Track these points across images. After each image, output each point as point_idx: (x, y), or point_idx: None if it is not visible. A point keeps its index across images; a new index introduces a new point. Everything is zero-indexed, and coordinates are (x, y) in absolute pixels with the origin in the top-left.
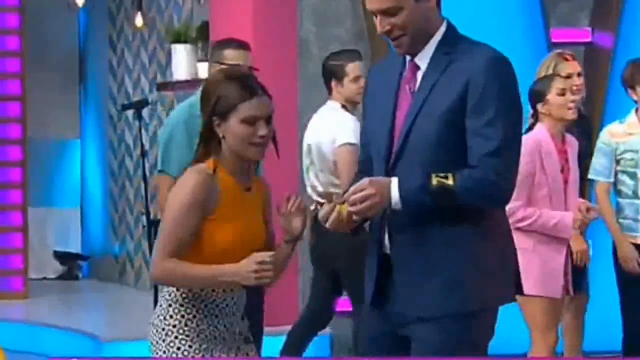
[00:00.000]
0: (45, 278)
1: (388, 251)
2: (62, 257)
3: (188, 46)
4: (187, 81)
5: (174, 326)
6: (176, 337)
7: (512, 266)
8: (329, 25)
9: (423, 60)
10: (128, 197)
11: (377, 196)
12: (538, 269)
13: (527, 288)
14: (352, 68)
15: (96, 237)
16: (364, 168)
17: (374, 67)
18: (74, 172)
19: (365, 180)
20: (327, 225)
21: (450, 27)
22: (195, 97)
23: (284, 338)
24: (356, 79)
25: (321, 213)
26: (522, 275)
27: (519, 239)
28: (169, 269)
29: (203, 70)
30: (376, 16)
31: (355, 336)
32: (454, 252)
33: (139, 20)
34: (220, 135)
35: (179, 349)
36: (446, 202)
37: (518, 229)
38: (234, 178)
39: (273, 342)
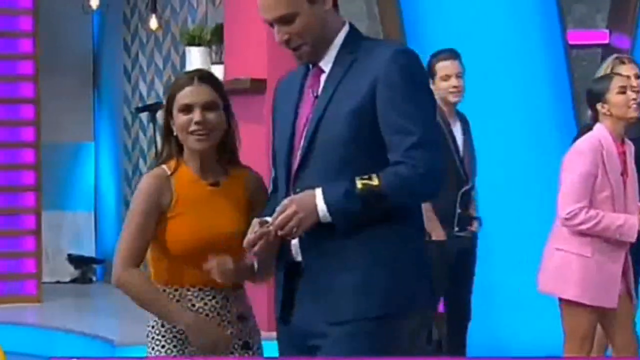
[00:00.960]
0: (59, 282)
1: (297, 259)
2: (76, 260)
3: (202, 49)
4: None
5: (153, 327)
6: (152, 338)
7: (429, 271)
8: None
9: (326, 63)
10: None
11: (300, 213)
12: (595, 277)
13: (581, 296)
14: (440, 67)
15: (110, 241)
16: (275, 187)
17: (280, 82)
18: (88, 176)
19: (285, 200)
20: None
21: (353, 29)
22: None
23: None
24: (444, 77)
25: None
26: (578, 283)
27: (577, 245)
28: (126, 282)
29: (217, 72)
30: (272, 26)
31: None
32: (367, 253)
33: (153, 23)
34: (175, 133)
35: (153, 349)
36: (375, 205)
37: (577, 233)
38: (197, 173)
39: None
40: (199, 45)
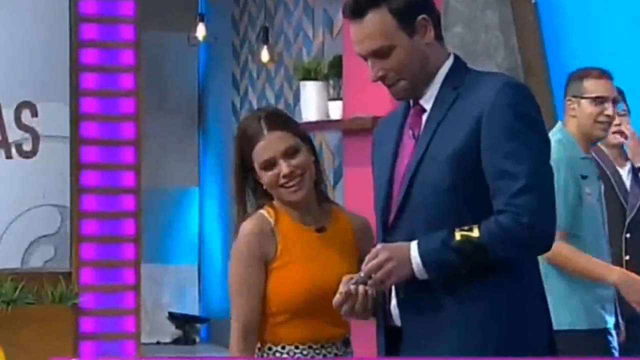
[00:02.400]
0: (159, 342)
1: (396, 323)
2: (178, 319)
3: (319, 83)
4: (317, 122)
5: None
6: None
7: (542, 330)
8: (478, 59)
9: (428, 100)
10: None
11: (392, 260)
12: None
13: None
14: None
15: (216, 298)
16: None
17: (379, 122)
18: (192, 225)
19: (378, 246)
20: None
21: (458, 61)
22: (559, 131)
23: None
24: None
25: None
26: None
27: None
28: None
29: (335, 110)
30: (367, 60)
31: None
32: (469, 314)
33: (265, 56)
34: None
35: None
36: (475, 259)
37: None
38: (299, 220)
39: None
40: (314, 79)
